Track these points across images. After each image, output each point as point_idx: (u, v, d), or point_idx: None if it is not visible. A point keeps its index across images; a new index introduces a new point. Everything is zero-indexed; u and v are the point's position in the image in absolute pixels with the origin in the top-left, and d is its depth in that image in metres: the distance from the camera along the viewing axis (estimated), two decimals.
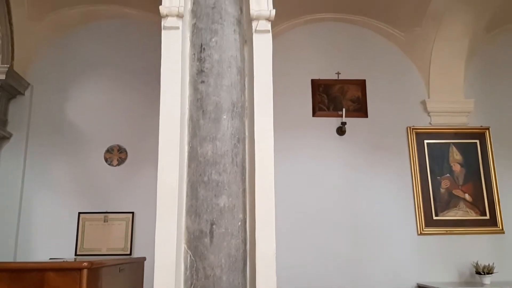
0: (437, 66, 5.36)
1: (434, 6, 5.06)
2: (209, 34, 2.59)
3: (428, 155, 5.27)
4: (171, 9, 2.52)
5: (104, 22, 5.43)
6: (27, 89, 5.19)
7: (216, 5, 2.61)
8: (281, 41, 5.40)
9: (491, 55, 5.59)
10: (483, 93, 5.47)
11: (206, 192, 2.34)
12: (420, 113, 5.42)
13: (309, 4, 5.35)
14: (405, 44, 5.55)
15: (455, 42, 5.26)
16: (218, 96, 2.51)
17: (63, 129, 5.14)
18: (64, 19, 5.29)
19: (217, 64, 2.57)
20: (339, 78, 5.50)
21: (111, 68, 5.29)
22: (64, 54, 5.35)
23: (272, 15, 2.58)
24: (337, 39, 5.62)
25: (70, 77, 5.28)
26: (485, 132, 5.36)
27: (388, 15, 5.40)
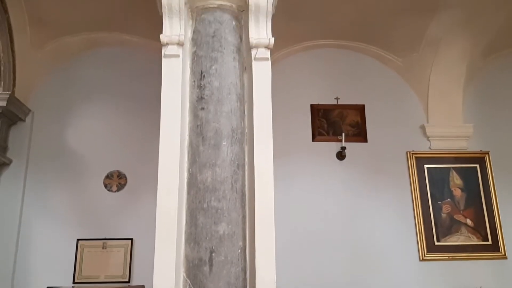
0: (436, 91, 5.40)
1: (431, 32, 5.13)
2: (209, 62, 2.62)
3: (429, 179, 5.26)
4: (171, 37, 2.55)
5: (105, 49, 5.49)
6: (28, 115, 5.22)
7: (216, 34, 2.65)
8: (280, 67, 5.45)
9: (489, 80, 5.64)
10: (482, 117, 5.49)
11: (206, 219, 2.32)
12: (419, 137, 5.43)
13: (307, 31, 5.42)
14: (403, 69, 5.60)
15: (453, 67, 5.31)
16: (217, 123, 2.52)
17: (63, 155, 5.15)
18: (66, 46, 5.36)
19: (217, 91, 2.59)
20: (338, 103, 5.53)
21: (111, 94, 5.33)
22: (65, 81, 5.39)
23: (271, 43, 2.62)
24: (335, 65, 5.68)
25: (71, 103, 5.32)
26: (485, 156, 5.36)
27: (385, 41, 5.47)
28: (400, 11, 4.91)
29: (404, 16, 4.99)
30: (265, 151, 2.53)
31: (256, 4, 2.58)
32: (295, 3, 4.71)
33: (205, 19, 2.68)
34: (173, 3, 2.52)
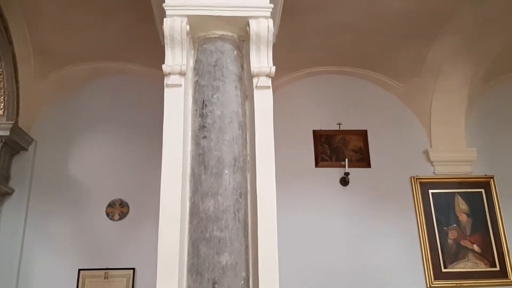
0: (438, 116, 5.41)
1: (431, 58, 5.17)
2: (211, 91, 2.62)
3: (434, 205, 5.21)
4: (173, 67, 2.57)
5: (108, 78, 5.55)
6: (31, 144, 5.24)
7: (217, 63, 2.66)
8: (282, 93, 5.49)
9: (490, 104, 5.65)
10: (485, 142, 5.48)
11: (208, 249, 2.29)
12: (423, 162, 5.41)
13: (308, 58, 5.47)
14: (404, 95, 5.62)
15: (454, 92, 5.33)
16: (219, 151, 2.51)
17: (65, 184, 5.14)
18: (70, 76, 5.42)
19: (219, 120, 2.58)
20: (340, 128, 5.53)
21: (114, 123, 5.36)
22: (69, 110, 5.43)
23: (272, 72, 2.62)
24: (337, 91, 5.71)
25: (73, 132, 5.34)
26: (489, 181, 5.32)
27: (386, 67, 5.51)
28: (400, 37, 4.97)
29: (404, 42, 5.04)
30: (268, 179, 2.51)
31: (257, 34, 2.60)
32: (295, 32, 4.77)
33: (207, 49, 2.70)
34: (175, 34, 2.54)
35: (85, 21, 4.70)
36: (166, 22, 2.55)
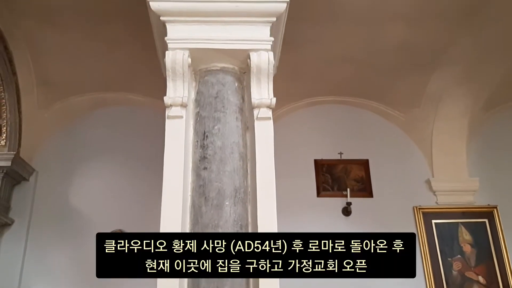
0: (439, 145, 5.41)
1: (431, 87, 5.20)
2: (212, 122, 2.64)
3: (437, 235, 5.15)
4: (175, 99, 2.59)
5: (110, 108, 5.58)
6: (32, 174, 5.23)
7: (218, 95, 2.69)
8: (283, 123, 5.50)
9: (492, 133, 5.65)
10: (487, 171, 5.45)
11: (208, 284, 2.25)
12: (425, 192, 5.38)
13: (309, 88, 5.52)
14: (405, 124, 5.64)
15: (455, 122, 5.35)
16: (220, 182, 2.51)
17: (66, 215, 5.10)
18: (72, 106, 5.46)
19: (220, 151, 2.59)
20: (342, 158, 5.53)
21: (115, 153, 5.36)
22: (70, 140, 5.45)
23: (273, 103, 2.64)
24: (338, 120, 5.73)
25: (75, 162, 5.34)
26: (493, 210, 5.27)
27: (386, 97, 5.55)
28: (399, 68, 5.01)
29: (403, 72, 5.08)
30: (269, 210, 2.49)
31: (258, 66, 2.63)
32: (296, 62, 4.83)
33: (208, 81, 2.73)
34: (177, 67, 2.58)
35: (89, 52, 4.77)
36: (168, 55, 2.58)
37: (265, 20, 2.65)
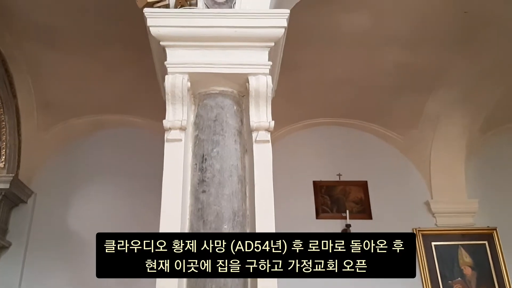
0: (438, 167, 5.42)
1: (429, 109, 5.25)
2: (210, 145, 2.64)
3: (437, 258, 5.11)
4: (174, 122, 2.60)
5: (109, 130, 5.60)
6: (30, 197, 5.22)
7: (217, 118, 2.70)
8: (281, 145, 5.51)
9: (490, 155, 5.66)
10: (486, 193, 5.45)
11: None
12: (424, 214, 5.36)
13: (307, 110, 5.56)
14: (404, 145, 5.66)
15: (453, 144, 5.37)
16: (219, 206, 2.50)
17: (64, 238, 5.07)
18: (72, 128, 5.48)
19: (218, 174, 2.59)
20: (340, 179, 5.53)
21: (114, 175, 5.36)
22: (69, 162, 5.45)
23: (271, 126, 2.65)
24: (336, 142, 5.74)
25: (74, 184, 5.33)
26: (492, 232, 5.25)
27: (385, 118, 5.58)
28: (397, 90, 5.06)
29: (401, 94, 5.13)
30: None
31: (256, 90, 2.65)
32: (294, 85, 4.87)
33: (207, 104, 2.74)
34: (176, 91, 2.59)
35: (89, 75, 4.82)
36: (168, 79, 2.60)
37: (263, 45, 2.68)
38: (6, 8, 4.02)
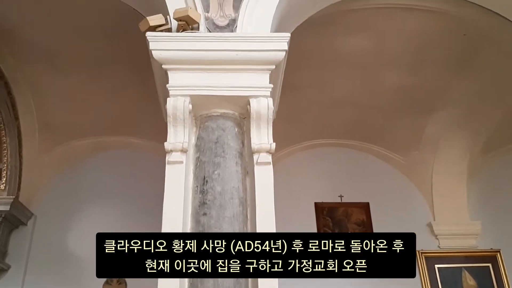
0: (439, 189, 5.40)
1: (429, 130, 5.25)
2: (212, 167, 2.64)
3: (441, 280, 5.05)
4: (175, 145, 2.60)
5: (111, 152, 5.61)
6: (30, 219, 5.19)
7: (219, 140, 2.70)
8: (283, 166, 5.51)
9: (492, 176, 5.64)
10: (489, 214, 5.41)
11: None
12: (427, 236, 5.31)
13: (308, 132, 5.57)
14: (405, 167, 5.65)
15: (454, 164, 5.36)
16: (220, 228, 2.48)
17: (63, 261, 5.02)
18: (73, 150, 5.49)
19: (220, 196, 2.58)
20: (342, 201, 5.50)
21: (115, 197, 5.34)
22: (70, 184, 5.44)
23: (272, 148, 2.65)
24: (337, 163, 5.74)
25: (74, 206, 5.31)
26: (496, 255, 5.19)
27: (386, 140, 5.59)
28: (397, 111, 5.08)
29: (402, 116, 5.14)
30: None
31: (257, 112, 2.66)
32: (295, 106, 4.89)
33: (209, 126, 2.75)
34: (178, 113, 2.61)
35: (91, 97, 4.85)
36: (169, 102, 2.62)
37: (264, 67, 2.70)
38: (10, 31, 4.07)
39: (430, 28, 3.96)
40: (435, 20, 3.83)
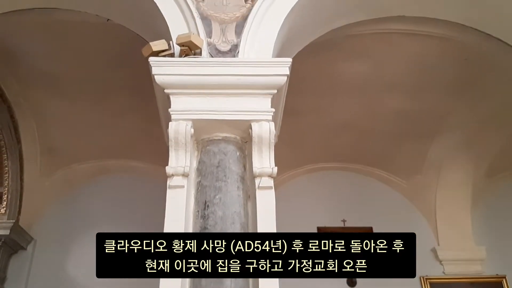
0: (443, 213, 5.35)
1: (432, 154, 5.24)
2: (213, 191, 2.62)
3: None
4: (177, 169, 2.59)
5: (112, 176, 5.60)
6: (30, 243, 5.15)
7: (220, 164, 2.69)
8: (285, 189, 5.48)
9: (496, 201, 5.59)
10: (494, 239, 5.35)
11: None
12: (431, 261, 5.25)
13: (310, 155, 5.56)
14: (408, 191, 5.62)
15: (458, 189, 5.33)
16: None
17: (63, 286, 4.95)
18: (74, 174, 5.49)
19: (221, 221, 2.55)
20: (345, 225, 5.45)
21: (115, 221, 5.29)
22: (71, 208, 5.41)
23: (274, 172, 2.64)
24: (340, 187, 5.70)
25: (74, 231, 5.27)
26: (501, 281, 5.11)
27: (388, 163, 5.57)
28: (399, 135, 5.07)
29: (404, 139, 5.14)
30: (270, 282, 2.42)
31: (259, 136, 2.66)
32: (296, 130, 4.90)
33: (210, 150, 2.74)
34: (180, 137, 2.60)
35: (93, 121, 4.87)
36: (171, 126, 2.62)
37: (266, 92, 2.70)
38: (14, 56, 4.12)
39: (431, 52, 3.99)
40: (435, 45, 3.86)
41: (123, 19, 3.27)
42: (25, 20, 3.52)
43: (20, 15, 3.33)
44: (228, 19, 2.90)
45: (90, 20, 3.39)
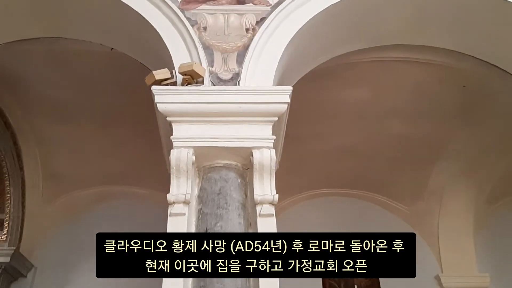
0: (446, 240, 5.32)
1: (433, 181, 5.23)
2: (214, 219, 2.61)
3: None
4: (178, 196, 2.59)
5: (113, 202, 5.60)
6: (30, 270, 5.11)
7: (221, 191, 2.69)
8: (285, 216, 5.45)
9: (498, 227, 5.55)
10: (497, 266, 5.29)
11: None
12: None
13: (311, 181, 5.56)
14: (410, 217, 5.59)
15: (460, 215, 5.30)
16: (222, 284, 2.41)
17: None
18: (76, 200, 5.48)
19: None
20: None
21: None
22: (73, 235, 5.38)
23: (275, 199, 2.64)
24: (341, 213, 5.68)
25: (75, 258, 5.23)
26: None
27: (389, 189, 5.55)
28: (400, 161, 5.08)
29: (405, 165, 5.14)
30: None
31: (260, 163, 2.67)
32: (297, 156, 4.91)
33: (211, 177, 2.75)
34: (181, 164, 2.61)
35: (96, 148, 4.90)
36: (173, 154, 2.63)
37: (267, 119, 2.73)
38: (19, 83, 4.18)
39: (430, 80, 4.03)
40: (434, 72, 3.91)
41: (127, 48, 3.33)
42: (30, 49, 3.58)
43: (25, 44, 3.40)
44: (230, 49, 2.95)
45: (94, 49, 3.45)
